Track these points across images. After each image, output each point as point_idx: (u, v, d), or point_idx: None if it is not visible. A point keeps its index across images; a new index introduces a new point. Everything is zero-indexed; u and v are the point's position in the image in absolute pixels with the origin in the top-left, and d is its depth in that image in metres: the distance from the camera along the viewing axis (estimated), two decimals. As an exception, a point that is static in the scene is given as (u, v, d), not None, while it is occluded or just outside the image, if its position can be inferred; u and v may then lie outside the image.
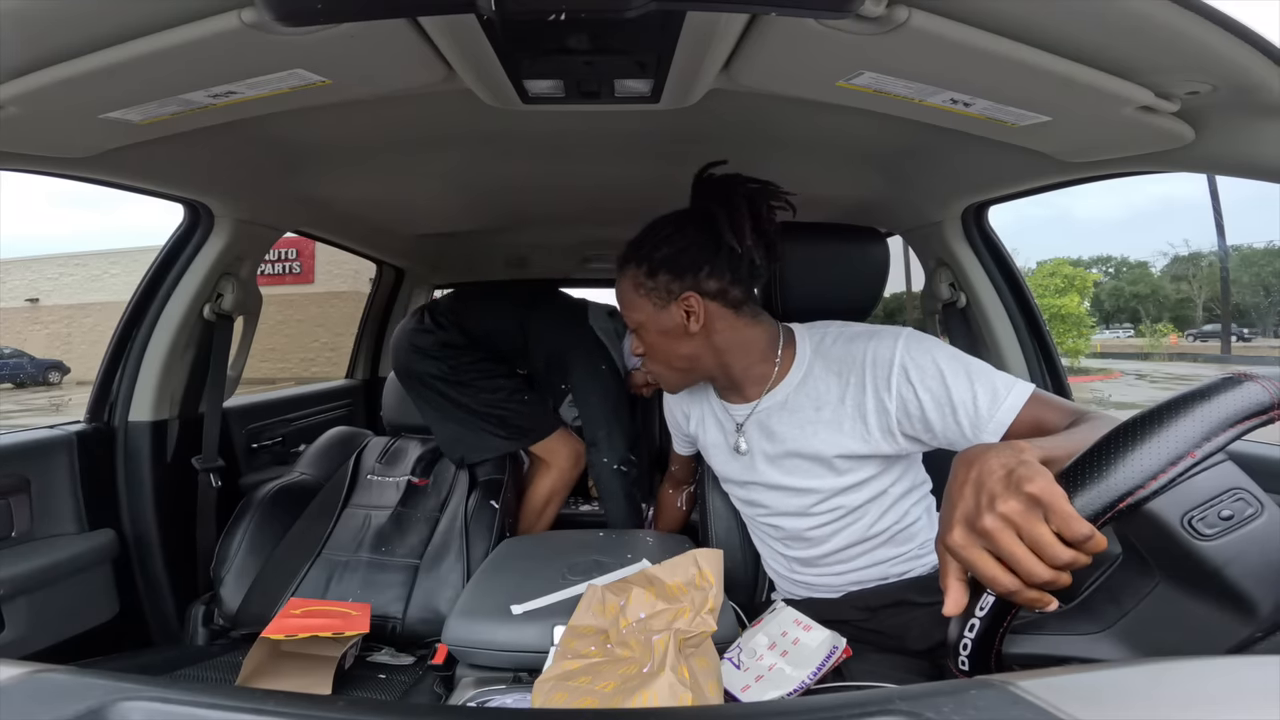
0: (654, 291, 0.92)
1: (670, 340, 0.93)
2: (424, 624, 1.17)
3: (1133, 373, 17.61)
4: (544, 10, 0.55)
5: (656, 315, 0.92)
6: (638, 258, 0.93)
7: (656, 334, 0.94)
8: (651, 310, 0.93)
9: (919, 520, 0.97)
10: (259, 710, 0.33)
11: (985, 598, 0.49)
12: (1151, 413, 0.46)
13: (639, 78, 0.81)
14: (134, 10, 0.60)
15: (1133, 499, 0.44)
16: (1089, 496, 0.45)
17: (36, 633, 1.06)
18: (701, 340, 0.92)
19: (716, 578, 0.76)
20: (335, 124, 1.05)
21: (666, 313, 0.91)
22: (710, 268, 0.89)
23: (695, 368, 0.96)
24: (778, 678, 0.78)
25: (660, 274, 0.91)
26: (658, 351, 0.96)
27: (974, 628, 0.50)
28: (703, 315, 0.90)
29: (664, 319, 0.92)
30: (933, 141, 1.08)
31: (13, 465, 1.11)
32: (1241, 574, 0.45)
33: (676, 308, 0.91)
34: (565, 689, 0.64)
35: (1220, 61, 0.63)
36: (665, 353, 0.95)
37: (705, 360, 0.95)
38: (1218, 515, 0.45)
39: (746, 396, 0.97)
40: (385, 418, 1.61)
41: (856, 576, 0.97)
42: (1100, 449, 0.46)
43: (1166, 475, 0.43)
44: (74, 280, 16.98)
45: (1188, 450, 0.43)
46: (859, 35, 0.62)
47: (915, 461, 0.98)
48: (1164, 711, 0.32)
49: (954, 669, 0.53)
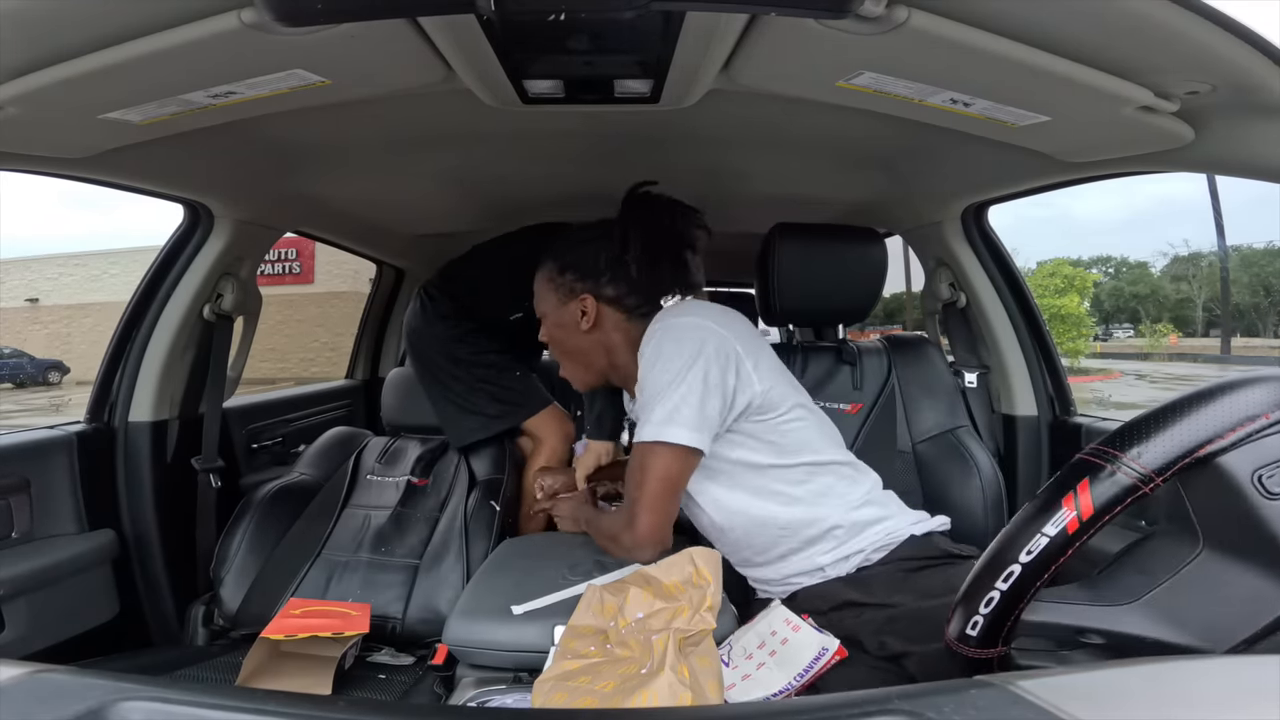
0: (560, 288, 1.03)
1: (566, 333, 1.05)
2: (424, 624, 1.17)
3: (1132, 373, 17.61)
4: (544, 10, 0.55)
5: (557, 309, 1.04)
6: (553, 255, 1.06)
7: (555, 325, 1.06)
8: (555, 304, 1.04)
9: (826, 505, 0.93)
10: (259, 710, 0.33)
11: (1037, 539, 0.48)
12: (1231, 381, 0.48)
13: (639, 78, 0.81)
14: (134, 10, 0.60)
15: (1211, 448, 0.46)
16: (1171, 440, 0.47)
17: (36, 633, 1.06)
18: (593, 338, 1.03)
19: (714, 576, 0.76)
20: (335, 124, 1.05)
21: (566, 309, 1.03)
22: (610, 275, 1.01)
23: (589, 363, 1.06)
24: (764, 677, 0.77)
25: (567, 273, 1.03)
26: (556, 342, 1.08)
27: (991, 602, 0.49)
28: (594, 316, 1.01)
29: (563, 314, 1.04)
30: (933, 141, 1.08)
31: (13, 465, 1.11)
32: None
33: (574, 305, 1.02)
34: (565, 689, 0.64)
35: (1220, 61, 0.63)
36: (561, 343, 1.07)
37: (596, 356, 1.05)
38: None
39: (634, 394, 1.03)
40: (385, 418, 1.61)
41: (787, 569, 0.95)
42: (1185, 401, 0.48)
43: (1244, 429, 0.45)
44: (74, 280, 16.98)
45: (1263, 411, 0.46)
46: (859, 35, 0.62)
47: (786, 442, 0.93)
48: (1164, 711, 0.32)
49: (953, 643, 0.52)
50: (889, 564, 0.91)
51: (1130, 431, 0.49)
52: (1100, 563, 0.54)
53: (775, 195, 1.54)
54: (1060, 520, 0.47)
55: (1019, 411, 1.36)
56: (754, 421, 0.92)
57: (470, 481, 1.40)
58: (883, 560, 0.92)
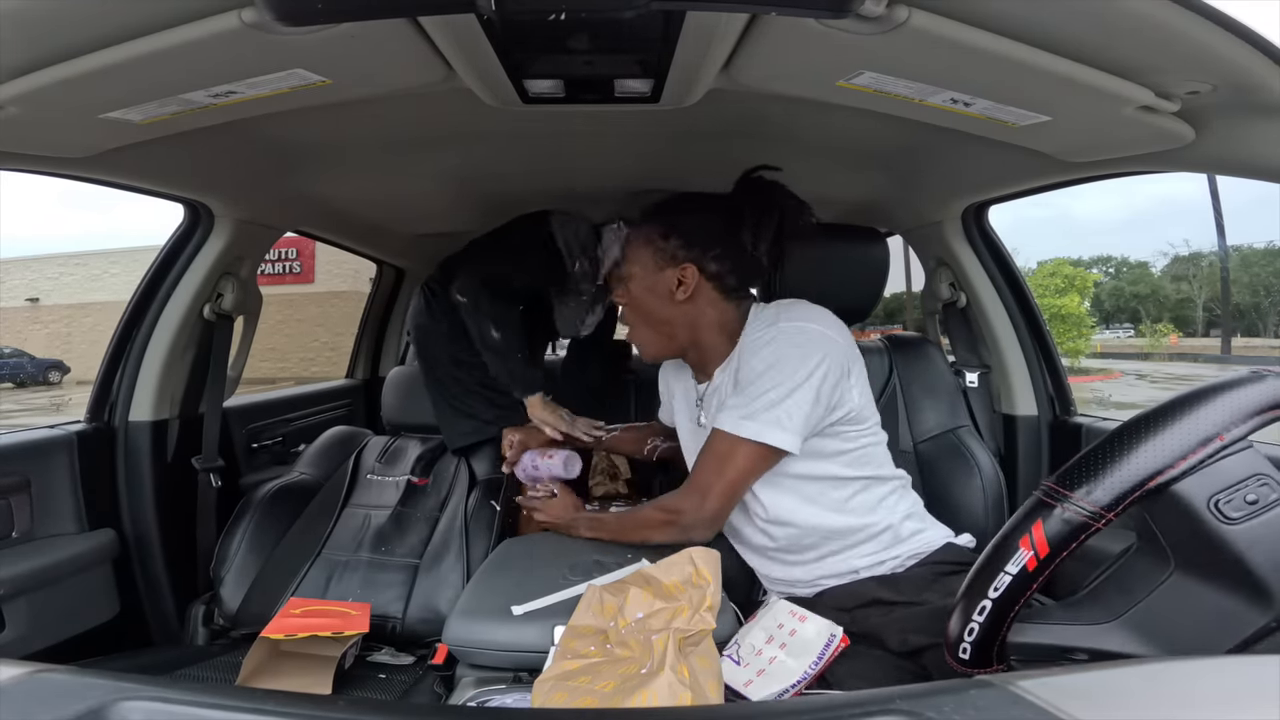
0: (660, 252, 0.98)
1: (654, 300, 0.99)
2: (424, 624, 1.17)
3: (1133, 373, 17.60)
4: (544, 10, 0.55)
5: (651, 273, 0.99)
6: (660, 217, 1.00)
7: (645, 290, 1.00)
8: (650, 266, 0.99)
9: (875, 514, 0.95)
10: (259, 710, 0.33)
11: (1001, 577, 0.49)
12: (1181, 399, 0.47)
13: (639, 77, 0.81)
14: (134, 10, 0.60)
15: (1161, 479, 0.45)
16: (1119, 476, 0.46)
17: (36, 633, 1.06)
18: (683, 310, 0.98)
19: (714, 575, 0.76)
20: (335, 124, 1.05)
21: (662, 275, 0.98)
22: (720, 252, 0.96)
23: (671, 334, 1.01)
24: (780, 670, 0.78)
25: (673, 238, 0.97)
26: (640, 306, 1.02)
27: (983, 610, 0.50)
28: (691, 288, 0.96)
29: (657, 279, 0.98)
30: (933, 141, 1.08)
31: (13, 465, 1.11)
32: (1262, 560, 0.45)
33: (672, 272, 0.97)
34: (565, 689, 0.64)
35: (1220, 61, 0.63)
36: (645, 309, 1.01)
37: (680, 329, 1.00)
38: (1244, 499, 0.45)
39: (708, 374, 1.02)
40: (385, 417, 1.61)
41: (822, 570, 0.96)
42: (1132, 429, 0.47)
43: (1195, 456, 0.45)
44: (74, 280, 16.98)
45: (1216, 433, 0.45)
46: (859, 35, 0.62)
47: (856, 455, 0.95)
48: (1164, 711, 0.32)
49: (952, 661, 0.53)
50: (923, 566, 0.93)
51: (1079, 468, 0.48)
52: (1101, 562, 0.54)
53: (776, 195, 1.54)
54: (1020, 560, 0.48)
55: (1019, 411, 1.36)
56: (836, 432, 0.92)
57: (470, 481, 1.41)
58: (917, 564, 0.94)
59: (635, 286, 1.01)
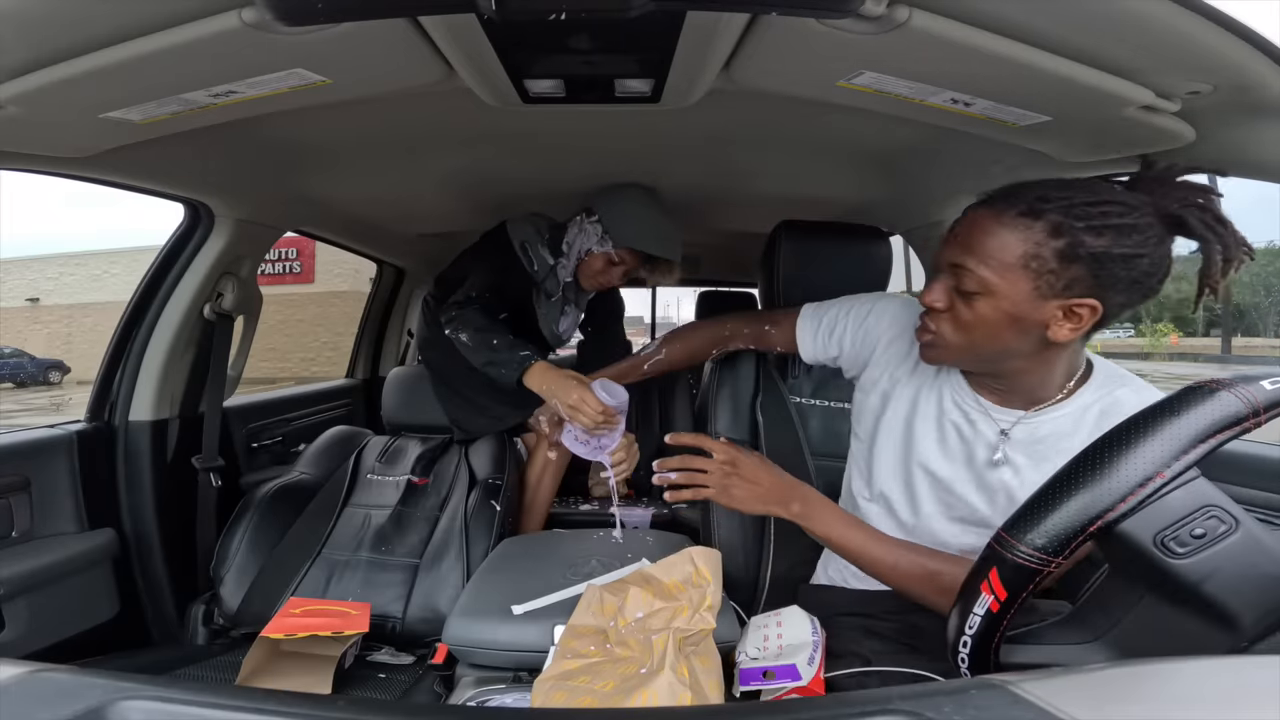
0: (1046, 274, 0.66)
1: (1011, 331, 0.70)
2: (424, 623, 1.17)
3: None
4: (544, 10, 0.55)
5: (1021, 296, 0.68)
6: (1058, 225, 0.65)
7: (998, 310, 0.69)
8: (1024, 291, 0.67)
9: None
10: (259, 710, 0.33)
11: (971, 618, 0.49)
12: (1120, 430, 0.46)
13: (639, 77, 0.81)
14: (134, 10, 0.60)
15: (1101, 523, 0.45)
16: (1059, 521, 0.45)
17: (36, 632, 1.06)
18: (1042, 345, 0.71)
19: (714, 575, 0.76)
20: (335, 124, 1.05)
21: (1038, 303, 0.67)
22: (1138, 287, 0.67)
23: (997, 359, 0.75)
24: (792, 647, 0.80)
25: (1076, 266, 0.65)
26: (978, 325, 0.71)
27: (973, 627, 0.50)
28: (1078, 331, 0.68)
29: (1027, 306, 0.68)
30: (933, 141, 1.08)
31: (13, 465, 1.11)
32: (1219, 589, 0.45)
33: (1057, 307, 0.67)
34: (565, 688, 0.64)
35: (1221, 61, 0.63)
36: (985, 330, 0.71)
37: (1016, 362, 0.74)
38: (1190, 534, 0.45)
39: (1008, 401, 0.79)
40: (385, 417, 1.61)
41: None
42: (1071, 473, 0.47)
43: (1135, 497, 0.44)
44: (74, 280, 16.96)
45: (1156, 471, 0.44)
46: (859, 35, 0.62)
47: None
48: (1164, 711, 0.32)
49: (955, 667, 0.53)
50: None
51: (1023, 516, 0.48)
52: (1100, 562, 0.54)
53: (775, 195, 1.54)
54: (984, 604, 0.49)
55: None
56: None
57: (470, 481, 1.41)
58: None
59: (985, 303, 0.70)
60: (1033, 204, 0.67)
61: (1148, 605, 0.48)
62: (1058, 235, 0.65)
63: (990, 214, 0.69)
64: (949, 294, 0.73)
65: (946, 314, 0.74)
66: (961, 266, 0.71)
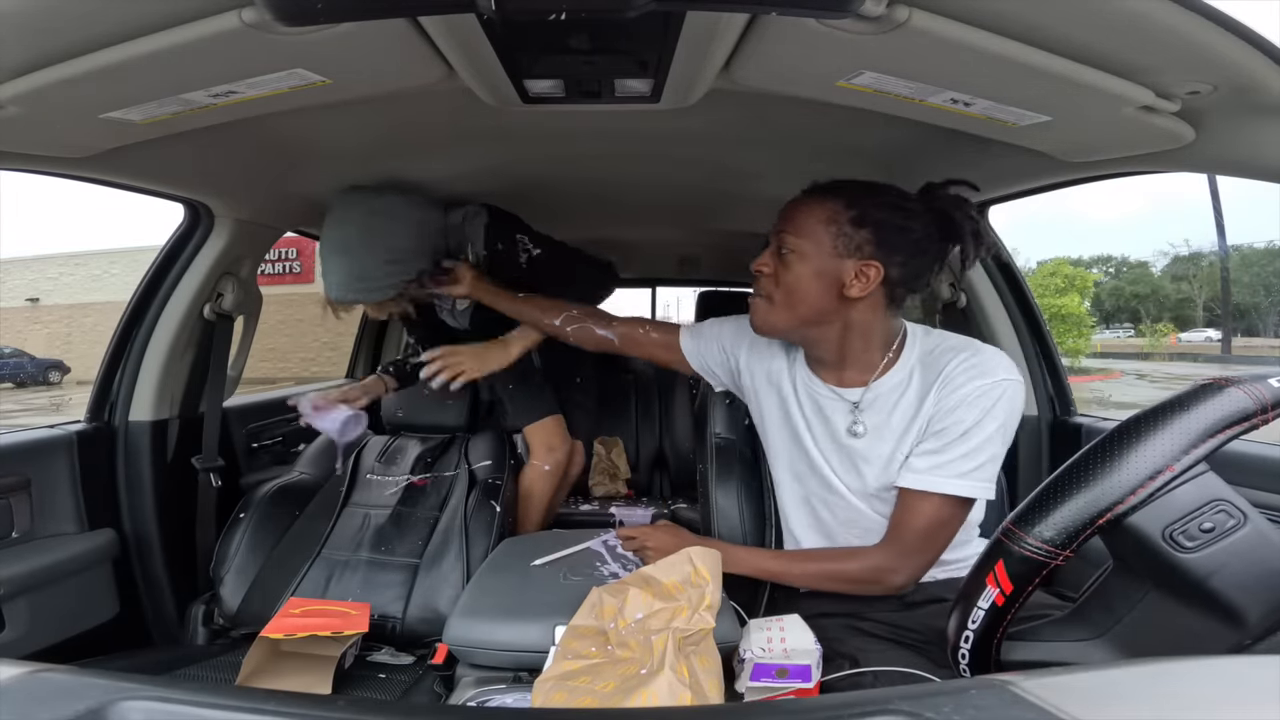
0: (843, 237, 0.87)
1: (817, 285, 0.89)
2: (424, 623, 1.17)
3: (1133, 372, 17.60)
4: (544, 10, 0.55)
5: (826, 257, 0.88)
6: (852, 199, 0.88)
7: (809, 271, 0.89)
8: (826, 249, 0.87)
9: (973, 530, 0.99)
10: (259, 710, 0.33)
11: (975, 612, 0.49)
12: (1130, 424, 0.47)
13: (639, 77, 0.81)
14: (134, 10, 0.60)
15: (1111, 515, 0.45)
16: (1069, 514, 0.46)
17: (36, 632, 1.06)
18: (843, 305, 0.89)
19: (713, 575, 0.76)
20: (335, 124, 1.05)
21: (838, 262, 0.87)
22: (908, 256, 0.88)
23: (816, 323, 0.92)
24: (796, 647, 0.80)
25: (865, 229, 0.86)
26: (795, 286, 0.90)
27: (976, 621, 0.50)
28: (866, 289, 0.87)
29: (830, 264, 0.87)
30: (933, 141, 1.08)
31: (13, 465, 1.11)
32: (1226, 584, 0.45)
33: (851, 265, 0.87)
34: (565, 689, 0.64)
35: (1221, 61, 0.63)
36: (801, 291, 0.90)
37: (829, 326, 0.91)
38: (1199, 528, 0.45)
39: (846, 379, 0.95)
40: (385, 417, 1.61)
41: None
42: (1082, 463, 0.47)
43: (1145, 490, 0.44)
44: (74, 280, 16.97)
45: (1166, 464, 0.44)
46: (859, 35, 0.62)
47: None
48: (1164, 711, 0.32)
49: (954, 667, 0.53)
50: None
51: (1032, 509, 0.48)
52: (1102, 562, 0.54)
53: (775, 194, 1.53)
54: (989, 597, 0.50)
55: (1019, 411, 1.36)
56: None
57: (470, 481, 1.40)
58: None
59: (797, 264, 0.89)
60: (834, 188, 0.90)
61: (1151, 602, 0.49)
62: (851, 206, 0.88)
63: (803, 197, 0.92)
64: (773, 258, 0.93)
65: (770, 276, 0.93)
66: (781, 233, 0.92)
